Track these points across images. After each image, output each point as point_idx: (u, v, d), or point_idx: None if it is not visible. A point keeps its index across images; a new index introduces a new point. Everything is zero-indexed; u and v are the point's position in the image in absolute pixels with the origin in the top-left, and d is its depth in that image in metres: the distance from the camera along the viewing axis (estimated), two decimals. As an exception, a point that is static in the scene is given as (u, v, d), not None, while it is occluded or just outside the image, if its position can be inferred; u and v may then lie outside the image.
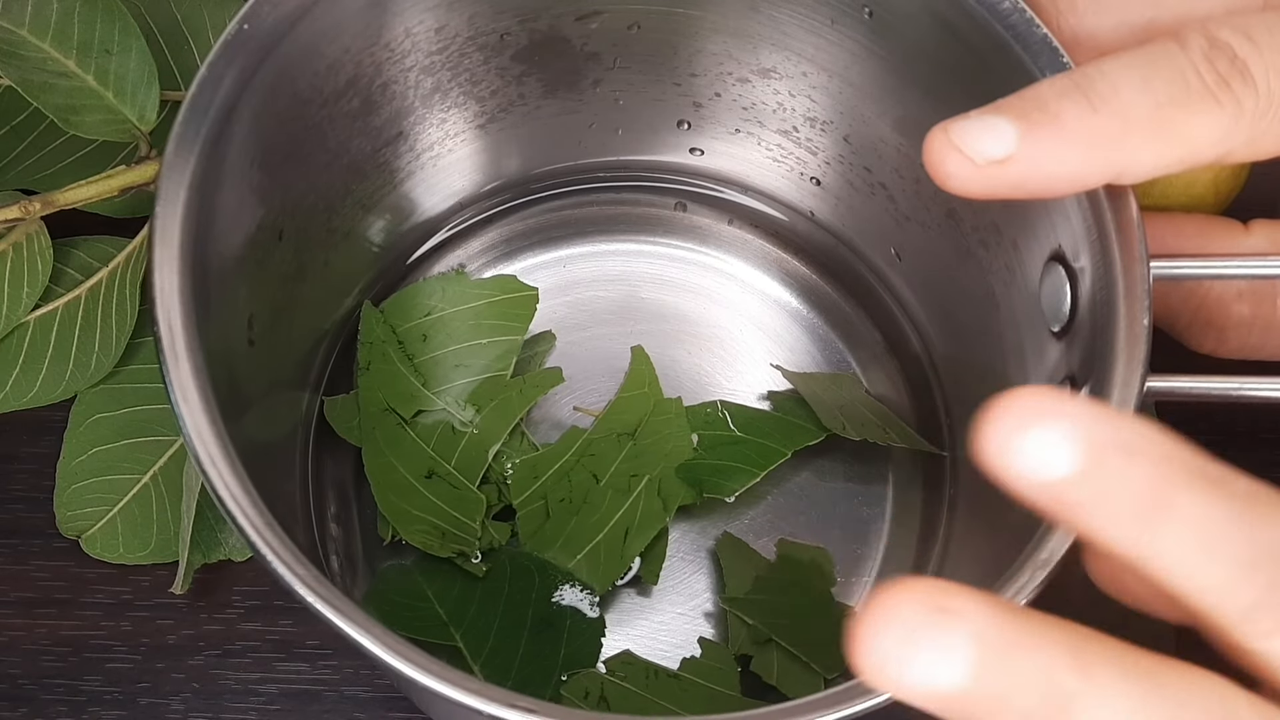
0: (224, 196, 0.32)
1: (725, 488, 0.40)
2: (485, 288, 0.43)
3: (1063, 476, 0.22)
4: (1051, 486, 0.22)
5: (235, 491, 0.28)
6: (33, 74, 0.39)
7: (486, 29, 0.39)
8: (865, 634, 0.21)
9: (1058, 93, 0.28)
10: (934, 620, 0.21)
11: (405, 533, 0.39)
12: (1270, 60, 0.29)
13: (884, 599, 0.22)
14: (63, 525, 0.41)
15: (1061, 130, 0.28)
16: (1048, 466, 0.22)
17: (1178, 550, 0.23)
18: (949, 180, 0.29)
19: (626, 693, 0.38)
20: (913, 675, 0.21)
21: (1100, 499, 0.22)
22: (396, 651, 0.27)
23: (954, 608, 0.22)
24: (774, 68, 0.40)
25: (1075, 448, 0.22)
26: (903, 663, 0.21)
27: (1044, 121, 0.28)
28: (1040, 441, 0.22)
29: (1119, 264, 0.31)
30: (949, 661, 0.21)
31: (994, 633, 0.22)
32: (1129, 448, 0.22)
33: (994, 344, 0.38)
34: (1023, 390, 0.22)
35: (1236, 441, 0.43)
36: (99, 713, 0.40)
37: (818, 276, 0.45)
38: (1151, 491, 0.22)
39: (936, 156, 0.28)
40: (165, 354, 0.29)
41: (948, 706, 0.22)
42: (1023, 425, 0.22)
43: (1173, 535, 0.23)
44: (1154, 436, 0.23)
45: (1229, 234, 0.37)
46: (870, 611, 0.22)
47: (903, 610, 0.21)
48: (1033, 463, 0.22)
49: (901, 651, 0.21)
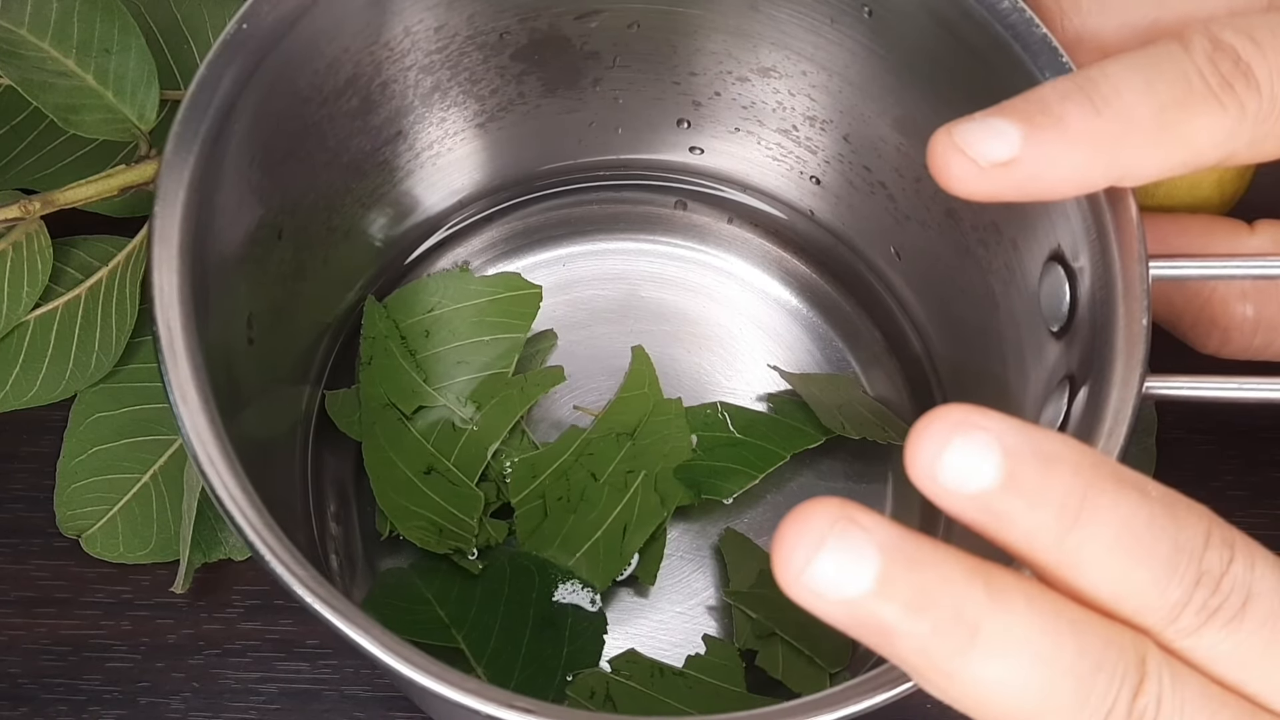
0: (223, 195, 0.32)
1: (723, 489, 0.40)
2: (489, 285, 0.43)
3: (986, 487, 0.23)
4: (977, 499, 0.23)
5: (234, 492, 0.28)
6: (32, 73, 0.39)
7: (486, 28, 0.39)
8: (781, 543, 0.23)
9: (1061, 95, 0.28)
10: (842, 528, 0.23)
11: (403, 528, 0.39)
12: (1274, 62, 0.29)
13: (798, 511, 0.23)
14: (63, 524, 0.41)
15: (1065, 133, 0.28)
16: (971, 478, 0.23)
17: (1102, 555, 0.23)
18: (953, 183, 0.29)
19: (632, 691, 0.38)
20: (821, 579, 0.22)
21: (1024, 507, 0.23)
22: (395, 652, 0.27)
23: (863, 521, 0.23)
24: (774, 67, 0.40)
25: (996, 458, 0.23)
26: (812, 567, 0.22)
27: (1047, 124, 0.28)
28: (962, 453, 0.23)
29: (1118, 264, 0.31)
30: (855, 567, 0.22)
31: (902, 545, 0.23)
32: (1048, 455, 0.23)
33: (993, 343, 0.38)
34: (942, 408, 0.23)
35: (1236, 441, 0.43)
36: (99, 712, 0.40)
37: (817, 275, 0.45)
38: (1073, 496, 0.23)
39: (941, 160, 0.28)
40: (164, 354, 0.29)
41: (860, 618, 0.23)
42: (945, 440, 0.23)
43: (1096, 539, 0.23)
44: (1072, 444, 0.24)
45: (1233, 234, 0.36)
46: (786, 522, 0.23)
47: (813, 520, 0.23)
48: (957, 476, 0.23)
49: (811, 556, 0.22)
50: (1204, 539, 0.24)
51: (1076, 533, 0.23)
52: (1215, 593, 0.24)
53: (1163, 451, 0.42)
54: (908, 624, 0.23)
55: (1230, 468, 0.43)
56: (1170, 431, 0.42)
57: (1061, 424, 0.32)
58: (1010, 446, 0.23)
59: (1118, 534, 0.23)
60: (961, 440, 0.23)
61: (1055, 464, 0.23)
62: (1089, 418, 0.30)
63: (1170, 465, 0.42)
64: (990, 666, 0.23)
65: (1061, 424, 0.32)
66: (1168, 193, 0.39)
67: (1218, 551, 0.24)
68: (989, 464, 0.23)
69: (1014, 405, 0.37)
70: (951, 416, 0.23)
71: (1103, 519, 0.23)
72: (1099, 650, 0.23)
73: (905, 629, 0.23)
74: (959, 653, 0.23)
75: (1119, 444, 0.29)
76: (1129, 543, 0.23)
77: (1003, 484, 0.23)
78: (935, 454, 0.23)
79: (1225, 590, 0.24)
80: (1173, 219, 0.37)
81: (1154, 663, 0.24)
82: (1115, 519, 0.23)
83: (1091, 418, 0.30)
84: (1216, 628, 0.24)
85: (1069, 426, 0.32)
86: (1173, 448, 0.42)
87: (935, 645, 0.23)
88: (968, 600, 0.23)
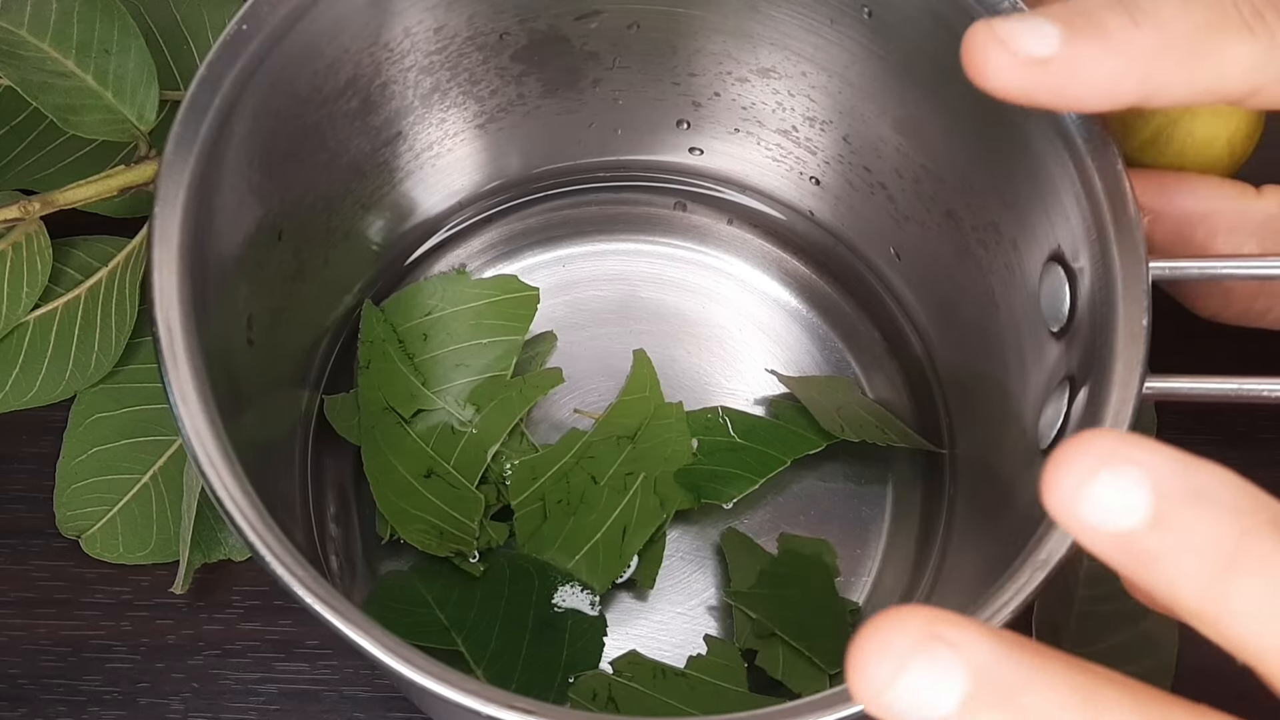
0: (223, 196, 0.32)
1: (723, 494, 0.40)
2: (486, 287, 0.43)
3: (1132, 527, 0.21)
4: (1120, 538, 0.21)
5: (234, 493, 0.28)
6: (32, 74, 0.39)
7: (486, 29, 0.39)
8: (858, 658, 0.21)
9: (1102, 4, 0.29)
10: (926, 647, 0.21)
11: (403, 532, 0.39)
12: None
13: (878, 623, 0.21)
14: (63, 525, 0.41)
15: (1103, 40, 0.28)
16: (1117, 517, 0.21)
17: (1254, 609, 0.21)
18: (988, 75, 0.29)
19: (634, 693, 0.38)
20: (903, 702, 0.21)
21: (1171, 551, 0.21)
22: (394, 652, 0.27)
23: (949, 636, 0.21)
24: (773, 67, 0.40)
25: (1146, 495, 0.21)
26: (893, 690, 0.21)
27: (1087, 28, 0.28)
28: (1109, 489, 0.21)
29: (1118, 264, 0.31)
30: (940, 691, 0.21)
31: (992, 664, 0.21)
32: (1203, 495, 0.21)
33: (993, 344, 0.38)
34: (1091, 433, 0.21)
35: (1236, 442, 0.43)
36: (99, 713, 0.40)
37: (817, 276, 0.45)
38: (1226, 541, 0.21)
39: (979, 51, 0.29)
40: (164, 355, 0.29)
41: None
42: (1091, 473, 0.21)
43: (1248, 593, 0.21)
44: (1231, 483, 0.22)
45: (1241, 196, 0.37)
46: (864, 635, 0.21)
47: (896, 636, 0.21)
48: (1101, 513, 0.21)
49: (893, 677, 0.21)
50: None
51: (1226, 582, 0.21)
52: None
53: (1162, 452, 0.42)
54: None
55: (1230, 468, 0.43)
56: (1170, 431, 0.42)
57: (1061, 425, 0.32)
58: (1162, 484, 0.21)
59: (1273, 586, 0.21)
60: (1110, 475, 0.21)
61: (1210, 505, 0.21)
62: (1089, 418, 0.30)
63: (1170, 466, 0.42)
64: None
65: (1061, 425, 0.32)
66: (1179, 151, 0.39)
67: None
68: (1138, 502, 0.21)
69: (1014, 406, 0.37)
70: (1101, 445, 0.21)
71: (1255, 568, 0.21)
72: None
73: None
74: None
75: (1119, 444, 0.29)
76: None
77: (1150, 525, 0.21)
78: (1078, 486, 0.21)
79: None
80: (1181, 178, 0.37)
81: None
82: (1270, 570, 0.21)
83: (1091, 418, 0.30)
84: None
85: (1069, 427, 0.32)
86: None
87: None
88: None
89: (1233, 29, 0.29)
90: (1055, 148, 0.32)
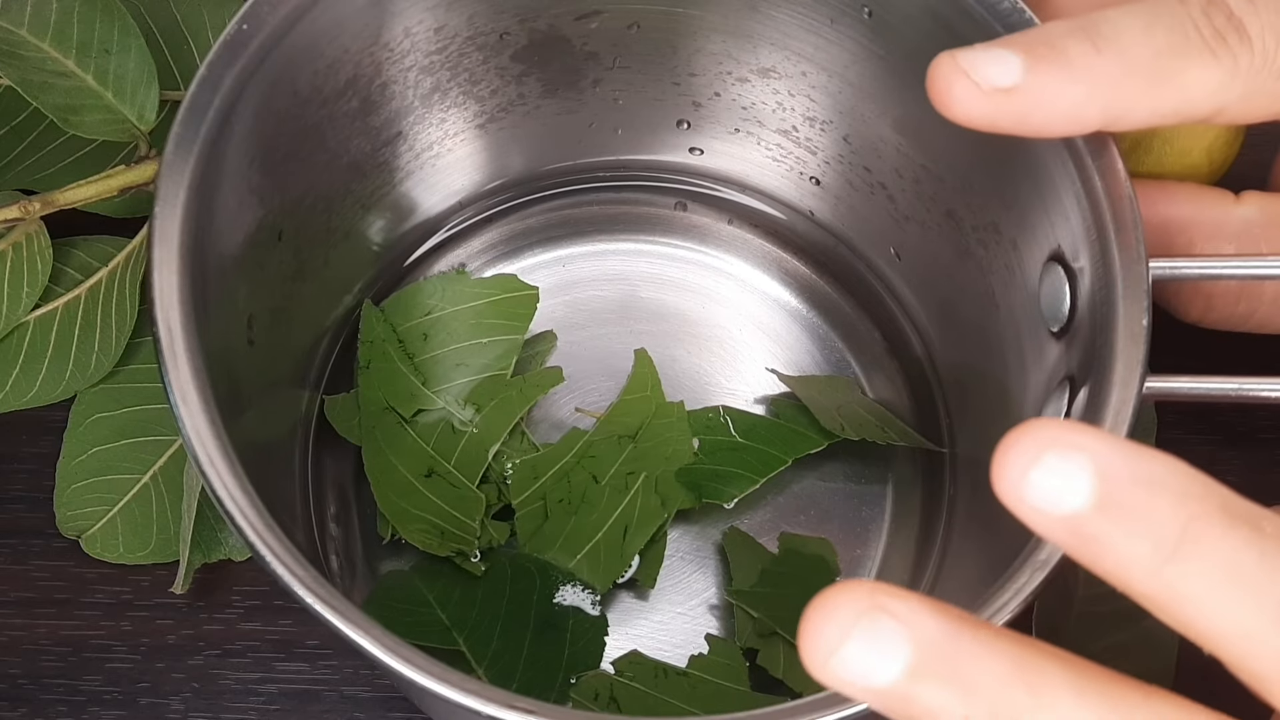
0: (223, 196, 0.32)
1: (724, 493, 0.40)
2: (486, 287, 0.43)
3: (1078, 510, 0.22)
4: (1067, 520, 0.22)
5: (234, 493, 0.28)
6: (32, 74, 0.39)
7: (486, 29, 0.39)
8: (807, 628, 0.22)
9: (1064, 32, 0.29)
10: (870, 617, 0.22)
11: (404, 531, 0.39)
12: (1267, 20, 0.29)
13: (827, 595, 0.22)
14: (63, 525, 0.41)
15: (1066, 67, 0.29)
16: (1062, 499, 0.22)
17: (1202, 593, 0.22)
18: (953, 106, 0.29)
19: (636, 693, 0.38)
20: (846, 669, 0.22)
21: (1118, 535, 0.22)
22: (395, 652, 0.27)
23: (893, 608, 0.22)
24: (773, 67, 0.40)
25: (1089, 480, 0.21)
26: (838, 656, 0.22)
27: (1050, 56, 0.29)
28: (1053, 472, 0.21)
29: (1118, 264, 0.31)
30: (883, 659, 0.22)
31: (936, 636, 0.22)
32: (1150, 481, 0.22)
33: (993, 344, 0.38)
34: (1037, 421, 0.22)
35: (1236, 442, 0.43)
36: (99, 713, 0.40)
37: (817, 276, 0.45)
38: (1172, 526, 0.22)
39: (943, 82, 0.29)
40: (164, 355, 0.29)
41: (888, 706, 0.22)
42: (1036, 456, 0.21)
43: (1197, 576, 0.22)
44: (1179, 470, 0.22)
45: (1221, 203, 0.37)
46: (813, 607, 0.22)
47: (841, 609, 0.22)
48: (1047, 495, 0.22)
49: (837, 646, 0.22)
50: None
51: (1174, 566, 0.22)
52: None
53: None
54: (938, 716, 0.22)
55: (1230, 468, 0.43)
56: (1170, 431, 0.42)
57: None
58: (1107, 468, 0.22)
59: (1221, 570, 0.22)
60: (1054, 458, 0.21)
61: (1156, 490, 0.22)
62: (1089, 418, 0.30)
63: (1170, 466, 0.42)
64: None
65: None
66: (1157, 160, 0.39)
67: None
68: (1082, 486, 0.21)
69: (1014, 406, 0.37)
70: (1045, 432, 0.22)
71: (1204, 553, 0.22)
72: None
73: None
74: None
75: (1119, 444, 0.29)
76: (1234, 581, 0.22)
77: (1095, 508, 0.21)
78: (1024, 470, 0.22)
79: None
80: (1160, 186, 0.37)
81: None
82: (1219, 554, 0.22)
83: (1092, 418, 0.30)
84: None
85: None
86: (1173, 448, 0.42)
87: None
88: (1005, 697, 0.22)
89: (1195, 52, 0.29)
90: (1055, 148, 0.32)
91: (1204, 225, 0.37)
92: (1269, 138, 0.39)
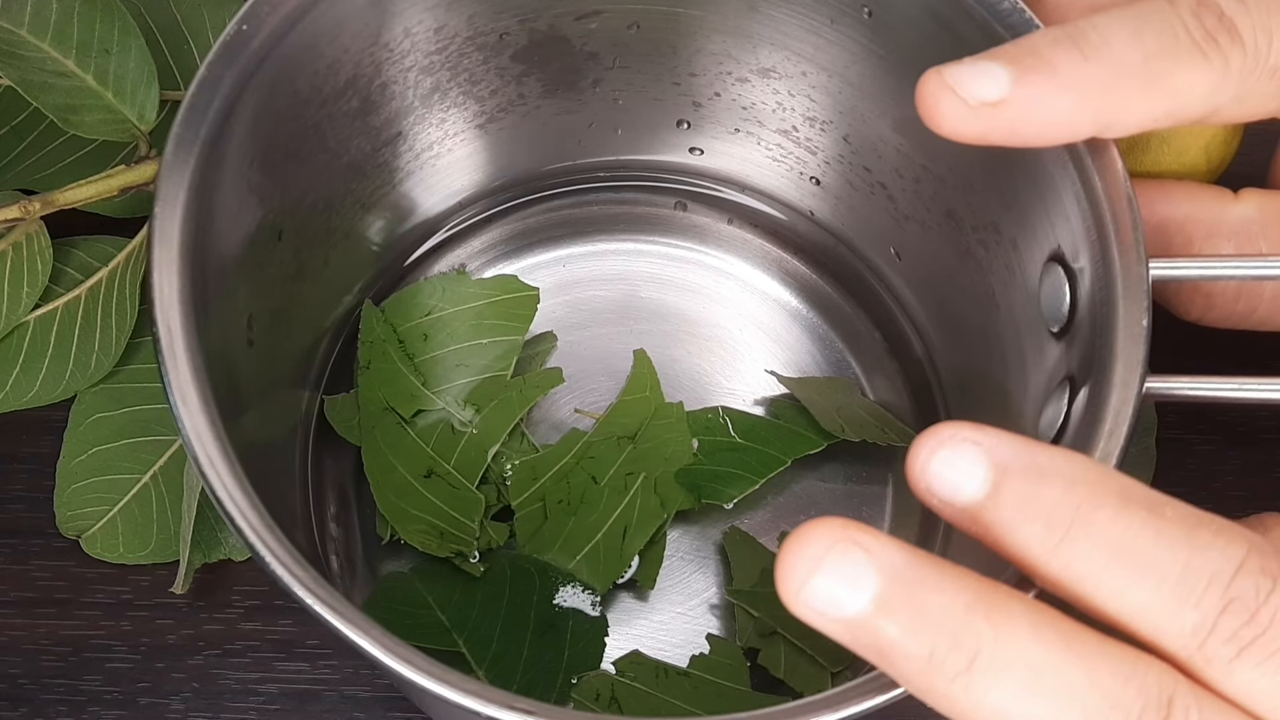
0: (223, 196, 0.32)
1: (724, 494, 0.40)
2: (486, 287, 0.43)
3: (974, 498, 0.24)
4: (966, 509, 0.24)
5: (234, 493, 0.28)
6: (32, 74, 0.39)
7: (486, 29, 0.39)
8: (783, 559, 0.23)
9: (1050, 41, 0.29)
10: (841, 549, 0.23)
11: (404, 532, 0.39)
12: (1258, 19, 0.29)
13: (800, 530, 0.23)
14: (63, 525, 0.41)
15: (1054, 77, 0.29)
16: (960, 489, 0.24)
17: (1098, 571, 0.23)
18: (943, 122, 0.29)
19: (637, 693, 0.38)
20: (819, 598, 0.23)
21: (1013, 520, 0.24)
22: (395, 653, 0.27)
23: (863, 541, 0.23)
24: (773, 67, 0.40)
25: (983, 471, 0.24)
26: (810, 585, 0.23)
27: (1037, 67, 0.29)
28: (949, 464, 0.24)
29: (1118, 264, 0.31)
30: (853, 587, 0.23)
31: (903, 567, 0.23)
32: (1040, 470, 0.24)
33: (993, 344, 0.38)
34: (943, 423, 0.24)
35: (1236, 442, 0.43)
36: (99, 713, 0.40)
37: (817, 276, 0.45)
38: (1063, 510, 0.23)
39: (930, 98, 0.29)
40: (164, 355, 0.29)
41: (858, 636, 0.23)
42: (934, 450, 0.24)
43: (1090, 555, 0.23)
44: (1072, 460, 0.24)
45: (1219, 201, 0.37)
46: (788, 542, 0.23)
47: (813, 540, 0.23)
48: (945, 486, 0.24)
49: (809, 575, 0.23)
50: (1235, 565, 0.23)
51: (1068, 546, 0.23)
52: (1250, 623, 0.23)
53: (1163, 452, 0.42)
54: (905, 646, 0.23)
55: (1230, 468, 0.43)
56: (1170, 431, 0.42)
57: (1062, 425, 0.32)
58: (1000, 461, 0.24)
59: (1115, 549, 0.23)
60: (948, 452, 0.24)
61: (1047, 478, 0.24)
62: (1089, 418, 0.30)
63: (1170, 465, 0.42)
64: (989, 695, 0.23)
65: (1062, 425, 0.32)
66: (1155, 159, 0.39)
67: (1253, 579, 0.23)
68: (976, 476, 0.24)
69: (1014, 406, 0.37)
70: (944, 431, 0.24)
71: (1096, 533, 0.23)
72: (1113, 686, 0.23)
73: (903, 650, 0.23)
74: (956, 678, 0.23)
75: (1119, 444, 0.29)
76: (1128, 559, 0.23)
77: (989, 496, 0.24)
78: (925, 462, 0.24)
79: (1263, 621, 0.23)
80: (1158, 185, 0.37)
81: (1182, 702, 0.23)
82: (1110, 534, 0.23)
83: (1092, 418, 0.30)
84: (1254, 662, 0.23)
85: (1069, 427, 0.32)
86: (1173, 448, 0.42)
87: (933, 669, 0.23)
88: (967, 626, 0.23)
89: (1185, 55, 0.29)
90: (1055, 149, 0.32)
91: (1202, 223, 0.37)
92: (1268, 136, 0.39)
